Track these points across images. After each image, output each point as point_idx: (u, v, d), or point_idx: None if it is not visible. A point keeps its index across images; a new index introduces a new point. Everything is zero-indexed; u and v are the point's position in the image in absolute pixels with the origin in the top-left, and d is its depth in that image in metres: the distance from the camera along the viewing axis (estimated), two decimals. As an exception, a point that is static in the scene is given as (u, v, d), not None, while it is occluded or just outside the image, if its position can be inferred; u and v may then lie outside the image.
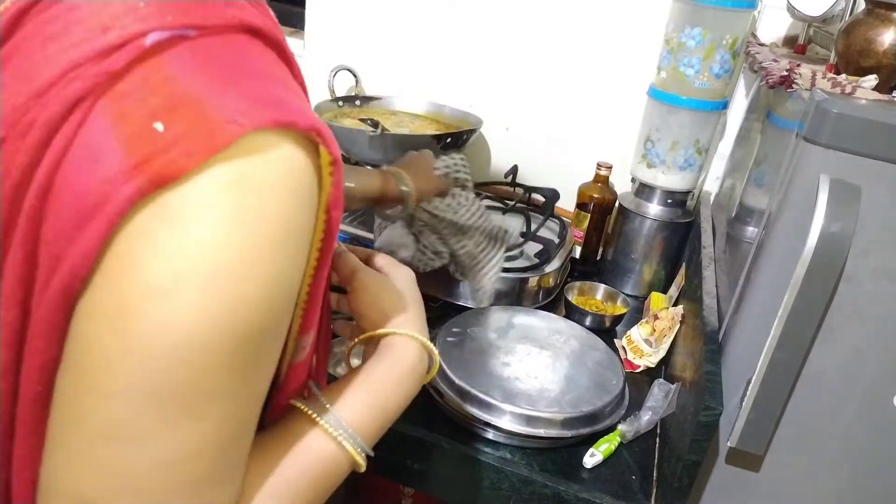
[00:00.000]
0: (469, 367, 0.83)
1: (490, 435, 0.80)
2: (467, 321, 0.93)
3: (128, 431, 0.34)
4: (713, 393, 0.66)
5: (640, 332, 0.98)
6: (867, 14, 0.72)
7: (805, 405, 0.68)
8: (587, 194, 1.19)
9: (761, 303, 0.68)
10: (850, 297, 0.63)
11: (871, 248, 0.62)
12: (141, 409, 0.33)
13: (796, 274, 0.60)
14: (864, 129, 0.60)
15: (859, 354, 0.65)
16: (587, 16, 1.21)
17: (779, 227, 0.66)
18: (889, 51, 0.70)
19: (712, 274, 0.90)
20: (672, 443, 0.77)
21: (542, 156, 1.30)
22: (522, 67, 1.27)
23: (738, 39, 1.03)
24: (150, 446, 0.34)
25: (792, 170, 0.65)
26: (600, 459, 0.79)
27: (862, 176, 0.60)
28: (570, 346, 0.92)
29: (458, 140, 1.14)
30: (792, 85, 0.72)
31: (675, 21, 1.06)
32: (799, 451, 0.70)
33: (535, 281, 1.02)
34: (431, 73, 1.33)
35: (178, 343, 0.32)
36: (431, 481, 0.78)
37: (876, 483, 0.70)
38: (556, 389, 0.83)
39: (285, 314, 0.38)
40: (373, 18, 1.34)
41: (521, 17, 1.25)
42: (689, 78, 1.06)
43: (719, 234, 1.02)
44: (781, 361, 0.64)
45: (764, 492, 0.73)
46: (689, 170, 1.12)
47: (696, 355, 0.77)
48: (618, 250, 1.18)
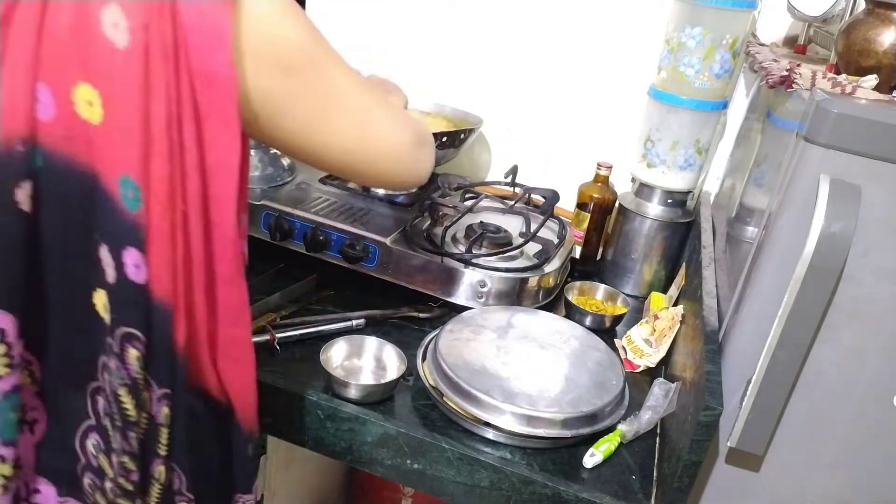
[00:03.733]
0: (469, 367, 0.83)
1: (490, 435, 0.80)
2: (467, 321, 0.93)
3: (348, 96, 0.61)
4: (713, 393, 0.66)
5: (640, 332, 0.98)
6: (867, 14, 0.72)
7: (805, 405, 0.68)
8: (587, 194, 1.19)
9: (761, 303, 0.68)
10: (850, 297, 0.63)
11: (871, 248, 0.62)
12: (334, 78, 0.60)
13: (796, 274, 0.60)
14: (864, 129, 0.60)
15: (859, 354, 0.65)
16: (587, 16, 1.21)
17: (779, 227, 0.66)
18: (889, 51, 0.70)
19: (712, 274, 0.90)
20: (672, 443, 0.77)
21: (542, 156, 1.30)
22: (523, 67, 1.27)
23: (739, 39, 1.03)
24: (357, 95, 0.62)
25: (792, 170, 0.65)
26: (600, 459, 0.79)
27: (862, 176, 0.60)
28: (570, 346, 0.92)
29: (457, 139, 1.14)
30: (792, 85, 0.72)
31: (675, 21, 1.06)
32: (799, 451, 0.70)
33: (535, 281, 1.02)
34: (432, 73, 1.33)
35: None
36: (431, 481, 0.78)
37: (876, 483, 0.70)
38: (556, 389, 0.83)
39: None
40: (373, 18, 1.34)
41: (521, 16, 1.25)
42: (690, 78, 1.06)
43: (719, 234, 1.02)
44: (781, 361, 0.64)
45: (764, 492, 0.73)
46: (689, 170, 1.12)
47: (696, 355, 0.77)
48: (618, 250, 1.18)
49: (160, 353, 0.55)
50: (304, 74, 0.56)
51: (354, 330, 0.94)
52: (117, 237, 0.53)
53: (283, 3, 0.54)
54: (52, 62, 0.50)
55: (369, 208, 1.11)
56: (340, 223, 1.03)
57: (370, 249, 1.01)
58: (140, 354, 0.55)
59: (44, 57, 0.50)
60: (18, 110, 0.50)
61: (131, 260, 0.53)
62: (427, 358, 0.88)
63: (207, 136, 0.52)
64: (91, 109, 0.51)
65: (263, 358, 0.87)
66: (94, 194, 0.53)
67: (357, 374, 0.87)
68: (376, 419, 0.78)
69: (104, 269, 0.54)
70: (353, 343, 0.89)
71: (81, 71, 0.50)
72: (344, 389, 0.81)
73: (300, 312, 0.97)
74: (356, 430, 0.79)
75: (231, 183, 0.54)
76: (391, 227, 1.05)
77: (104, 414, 0.59)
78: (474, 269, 0.99)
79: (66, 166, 0.52)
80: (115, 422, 0.57)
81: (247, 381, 0.62)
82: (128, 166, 0.51)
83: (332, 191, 1.15)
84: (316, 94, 0.58)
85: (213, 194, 0.54)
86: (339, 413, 0.78)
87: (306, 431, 0.81)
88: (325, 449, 0.81)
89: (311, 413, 0.80)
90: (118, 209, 0.52)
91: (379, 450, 0.79)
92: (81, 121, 0.51)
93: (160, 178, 0.51)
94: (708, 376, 0.68)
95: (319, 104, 0.59)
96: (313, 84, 0.58)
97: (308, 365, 0.85)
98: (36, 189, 0.53)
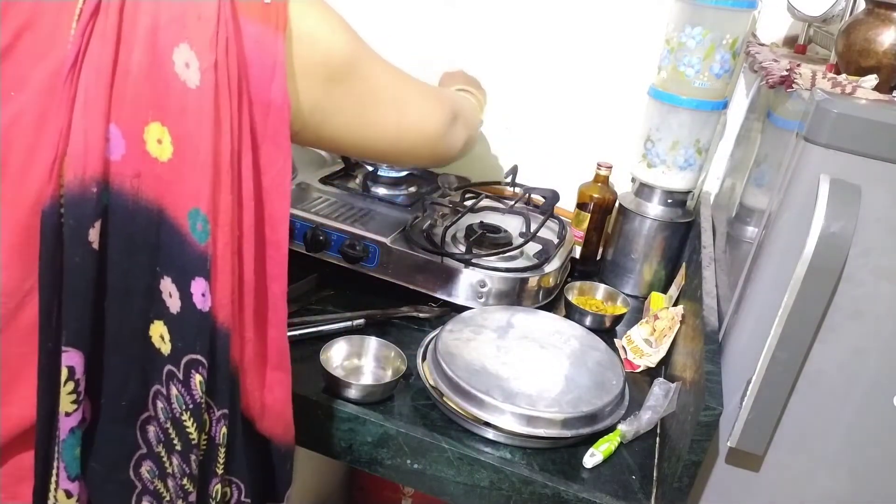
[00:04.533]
0: (469, 366, 0.83)
1: (490, 435, 0.80)
2: (467, 321, 0.93)
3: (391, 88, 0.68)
4: (713, 393, 0.66)
5: (640, 332, 0.98)
6: (867, 14, 0.72)
7: (805, 405, 0.68)
8: (587, 194, 1.19)
9: (761, 303, 0.68)
10: (850, 297, 0.63)
11: (871, 248, 0.62)
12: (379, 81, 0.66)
13: (796, 274, 0.60)
14: (864, 129, 0.60)
15: (859, 354, 0.65)
16: (587, 16, 1.21)
17: (779, 227, 0.66)
18: (889, 51, 0.70)
19: (712, 274, 0.90)
20: (672, 443, 0.77)
21: (542, 156, 1.30)
22: (523, 67, 1.27)
23: (739, 39, 1.03)
24: (402, 82, 0.70)
25: (792, 170, 0.65)
26: (600, 459, 0.79)
27: (862, 176, 0.60)
28: (570, 346, 0.92)
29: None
30: (792, 85, 0.72)
31: (675, 21, 1.06)
32: (799, 451, 0.70)
33: (535, 281, 1.02)
34: (432, 73, 1.33)
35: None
36: (431, 481, 0.78)
37: (876, 483, 0.70)
38: (556, 389, 0.83)
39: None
40: (373, 18, 1.34)
41: (521, 16, 1.25)
42: (690, 78, 1.06)
43: (719, 234, 1.02)
44: (781, 361, 0.64)
45: (764, 492, 0.73)
46: (689, 170, 1.12)
47: (696, 355, 0.77)
48: (618, 250, 1.18)
49: (221, 375, 0.57)
50: (348, 81, 0.60)
51: (354, 330, 0.94)
52: (185, 269, 0.54)
53: (329, 15, 0.58)
54: (125, 103, 0.51)
55: (369, 208, 1.11)
56: (340, 223, 1.03)
57: (370, 249, 1.01)
58: (203, 379, 0.56)
59: (115, 98, 0.51)
60: (93, 153, 0.51)
61: (199, 289, 0.54)
62: (427, 358, 0.88)
63: (263, 162, 0.54)
64: (160, 147, 0.52)
65: (263, 358, 0.87)
66: (160, 229, 0.54)
67: (357, 374, 0.87)
68: (376, 419, 0.78)
69: (164, 301, 0.55)
70: (353, 343, 0.89)
71: (153, 110, 0.51)
72: (344, 389, 0.81)
73: (300, 312, 0.97)
74: (356, 430, 0.79)
75: (284, 203, 0.56)
76: (391, 227, 1.05)
77: (156, 442, 0.60)
78: (474, 269, 0.99)
79: (133, 203, 0.53)
80: (173, 447, 0.58)
81: (287, 393, 0.64)
82: (198, 200, 0.52)
83: (332, 191, 1.15)
84: (360, 96, 0.62)
85: (268, 216, 0.56)
86: (339, 413, 0.78)
87: (306, 431, 0.81)
88: (325, 449, 0.81)
89: (311, 413, 0.80)
90: (187, 241, 0.53)
91: (379, 450, 0.79)
92: (151, 158, 0.52)
93: (226, 208, 0.53)
94: (708, 376, 0.68)
95: (362, 103, 0.63)
96: (356, 87, 0.61)
97: (308, 365, 0.85)
98: (104, 227, 0.54)
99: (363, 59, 0.63)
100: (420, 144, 0.73)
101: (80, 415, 0.57)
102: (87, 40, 0.50)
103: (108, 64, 0.50)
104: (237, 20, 0.52)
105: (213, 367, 0.56)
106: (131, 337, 0.57)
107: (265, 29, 0.52)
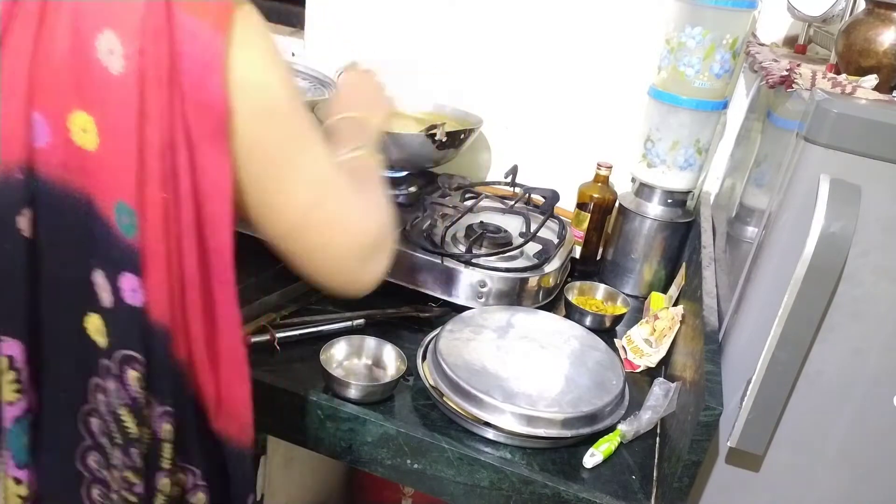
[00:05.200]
0: (469, 367, 0.83)
1: (490, 435, 0.80)
2: (467, 321, 0.93)
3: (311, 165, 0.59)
4: (713, 393, 0.66)
5: (640, 332, 0.98)
6: (867, 14, 0.72)
7: (805, 405, 0.68)
8: (587, 194, 1.19)
9: (761, 303, 0.68)
10: (850, 297, 0.63)
11: (871, 248, 0.62)
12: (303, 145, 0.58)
13: (796, 274, 0.60)
14: (864, 129, 0.60)
15: (859, 354, 0.65)
16: (587, 16, 1.21)
17: (779, 227, 0.66)
18: (889, 51, 0.70)
19: (712, 274, 0.90)
20: (672, 443, 0.77)
21: (542, 156, 1.30)
22: (523, 67, 1.27)
23: (739, 39, 1.03)
24: (323, 163, 0.60)
25: (792, 170, 0.65)
26: (600, 459, 0.79)
27: (862, 176, 0.60)
28: (570, 346, 0.92)
29: (457, 139, 1.14)
30: (792, 85, 0.72)
31: (675, 21, 1.06)
32: (799, 451, 0.70)
33: (535, 281, 1.02)
34: (432, 73, 1.33)
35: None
36: (431, 481, 0.78)
37: (876, 483, 0.70)
38: (556, 389, 0.83)
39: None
40: (373, 18, 1.34)
41: (521, 16, 1.25)
42: (690, 78, 1.06)
43: (719, 234, 1.02)
44: (781, 361, 0.64)
45: (764, 492, 0.73)
46: (689, 170, 1.12)
47: (696, 355, 0.77)
48: (618, 250, 1.18)
49: (161, 372, 0.56)
50: (282, 126, 0.56)
51: (354, 330, 0.94)
52: (114, 262, 0.53)
53: (274, 54, 0.55)
54: (47, 89, 0.51)
55: (369, 208, 1.11)
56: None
57: (370, 249, 1.01)
58: (140, 375, 0.55)
59: (38, 84, 0.50)
60: (15, 138, 0.51)
61: (128, 284, 0.53)
62: (427, 358, 0.88)
63: (201, 162, 0.52)
64: (86, 136, 0.51)
65: (263, 358, 0.87)
66: (89, 220, 0.53)
67: (357, 375, 0.87)
68: (376, 419, 0.78)
69: (98, 294, 0.55)
70: (353, 343, 0.89)
71: (76, 98, 0.50)
72: (344, 389, 0.81)
73: (300, 312, 0.97)
74: (356, 430, 0.79)
75: (225, 207, 0.54)
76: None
77: (100, 433, 0.59)
78: (474, 269, 0.99)
79: (62, 193, 0.53)
80: (114, 440, 0.58)
81: (245, 394, 0.62)
82: (123, 192, 0.51)
83: (332, 191, 1.14)
84: (283, 148, 0.57)
85: (208, 219, 0.54)
86: (339, 413, 0.78)
87: (306, 431, 0.81)
88: (325, 449, 0.81)
89: (311, 413, 0.80)
90: (114, 234, 0.52)
91: (379, 450, 0.79)
92: (76, 147, 0.52)
93: (154, 203, 0.51)
94: (708, 376, 0.68)
95: (284, 155, 0.57)
96: (287, 139, 0.57)
97: (308, 365, 0.85)
98: (35, 215, 0.53)
99: (303, 119, 0.58)
100: (332, 245, 0.62)
101: (24, 404, 0.57)
102: (7, 23, 0.50)
103: (28, 49, 0.50)
104: (171, 10, 0.49)
105: (150, 364, 0.55)
106: (67, 329, 0.57)
107: (201, 23, 0.50)
